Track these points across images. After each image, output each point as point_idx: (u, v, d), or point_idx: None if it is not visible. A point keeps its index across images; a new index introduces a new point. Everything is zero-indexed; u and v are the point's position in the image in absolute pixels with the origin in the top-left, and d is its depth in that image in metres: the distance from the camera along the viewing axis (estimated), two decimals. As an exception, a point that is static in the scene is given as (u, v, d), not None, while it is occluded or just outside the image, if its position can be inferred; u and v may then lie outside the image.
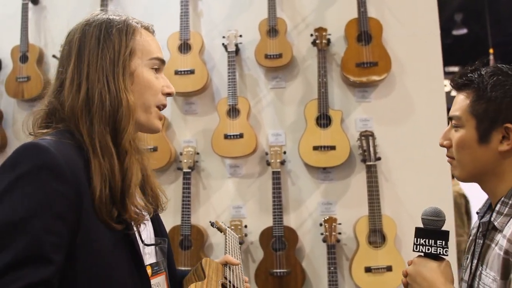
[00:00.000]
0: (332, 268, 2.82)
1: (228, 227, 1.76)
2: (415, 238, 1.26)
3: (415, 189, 3.00)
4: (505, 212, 1.23)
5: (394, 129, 3.08)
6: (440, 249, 1.23)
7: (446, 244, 1.23)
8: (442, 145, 1.35)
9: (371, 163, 2.89)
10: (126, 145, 1.16)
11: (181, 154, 3.09)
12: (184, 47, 3.14)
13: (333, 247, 2.85)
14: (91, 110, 1.13)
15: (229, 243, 1.58)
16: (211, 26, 3.30)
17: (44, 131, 1.15)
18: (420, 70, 3.09)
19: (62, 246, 1.01)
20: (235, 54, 3.10)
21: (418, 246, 1.25)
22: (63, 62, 1.20)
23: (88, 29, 1.19)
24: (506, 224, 1.21)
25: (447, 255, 1.24)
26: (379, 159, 2.92)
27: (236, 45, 3.12)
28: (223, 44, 3.14)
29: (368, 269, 2.80)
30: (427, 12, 3.14)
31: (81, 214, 1.05)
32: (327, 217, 2.90)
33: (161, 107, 1.26)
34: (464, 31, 7.41)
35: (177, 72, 3.10)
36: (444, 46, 3.15)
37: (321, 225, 2.91)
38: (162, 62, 1.27)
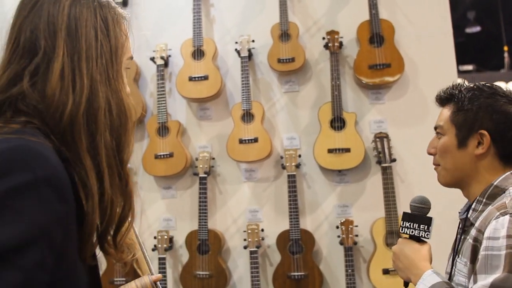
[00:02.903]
0: (349, 271, 2.82)
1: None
2: (402, 221, 1.45)
3: (431, 189, 2.97)
4: (479, 209, 1.40)
5: (409, 130, 3.07)
6: (422, 232, 1.41)
7: (428, 228, 1.41)
8: (429, 153, 1.55)
9: (386, 164, 2.89)
10: (128, 163, 0.96)
11: (196, 159, 3.12)
12: (198, 53, 3.17)
13: (350, 250, 2.85)
14: (97, 117, 0.91)
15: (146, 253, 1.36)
16: (223, 32, 3.32)
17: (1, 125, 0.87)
18: (433, 70, 3.09)
19: (48, 283, 0.80)
20: (248, 59, 3.13)
21: (403, 229, 1.44)
22: (37, 35, 0.91)
23: (78, 8, 0.95)
24: (478, 218, 1.37)
25: (428, 238, 1.41)
26: (394, 160, 2.91)
27: (249, 50, 3.14)
28: (236, 49, 3.16)
29: (386, 271, 2.80)
30: (439, 11, 3.14)
31: (67, 242, 0.84)
32: (344, 220, 2.90)
33: None
34: (477, 29, 7.35)
35: (191, 79, 3.13)
36: (457, 45, 3.14)
37: (337, 227, 2.91)
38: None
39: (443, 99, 1.58)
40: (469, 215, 1.43)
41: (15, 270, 0.74)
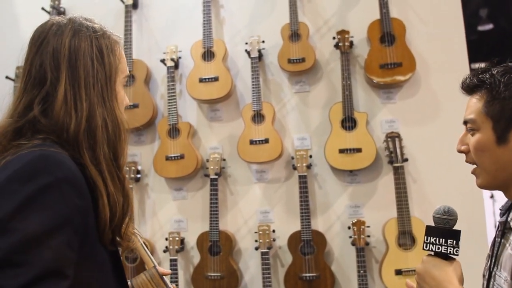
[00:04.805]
0: (361, 271, 2.80)
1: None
2: (425, 237, 1.24)
3: (444, 189, 2.96)
4: None
5: (421, 130, 3.05)
6: (450, 249, 1.20)
7: (457, 243, 1.20)
8: (459, 151, 1.32)
9: (398, 164, 2.87)
10: (124, 168, 1.18)
11: (207, 160, 3.12)
12: (208, 55, 3.18)
13: (362, 250, 2.83)
14: (96, 134, 1.11)
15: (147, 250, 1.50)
16: (233, 33, 3.32)
17: (24, 142, 1.07)
18: (445, 68, 3.06)
19: (73, 261, 1.01)
20: (258, 60, 3.12)
21: (428, 245, 1.23)
22: (44, 69, 1.13)
23: (77, 41, 1.15)
24: None
25: (457, 254, 1.21)
26: (406, 160, 2.89)
27: (259, 51, 3.13)
28: (246, 50, 3.16)
29: (398, 272, 2.78)
30: (450, 9, 3.11)
31: (88, 230, 1.06)
32: (355, 220, 2.89)
33: None
34: (490, 26, 7.27)
35: (201, 80, 3.13)
36: (469, 43, 3.10)
37: (349, 228, 2.89)
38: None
39: (471, 87, 1.31)
40: (509, 219, 1.24)
41: (47, 249, 0.94)
